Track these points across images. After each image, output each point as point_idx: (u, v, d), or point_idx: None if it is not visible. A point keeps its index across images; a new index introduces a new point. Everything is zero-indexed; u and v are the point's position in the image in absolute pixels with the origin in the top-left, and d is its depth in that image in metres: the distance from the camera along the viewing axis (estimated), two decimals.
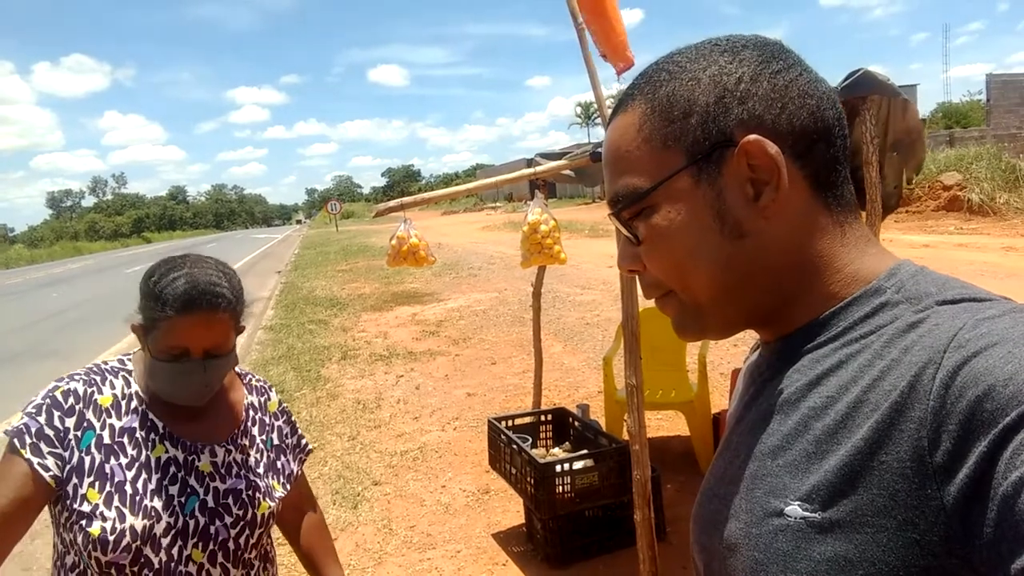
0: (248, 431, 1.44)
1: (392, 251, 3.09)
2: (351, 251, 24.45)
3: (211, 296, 1.23)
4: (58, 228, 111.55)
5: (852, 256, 0.62)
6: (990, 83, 21.65)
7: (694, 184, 0.62)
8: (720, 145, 0.60)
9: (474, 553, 3.50)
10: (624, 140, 0.65)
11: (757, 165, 0.59)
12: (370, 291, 13.42)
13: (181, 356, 1.24)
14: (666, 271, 0.66)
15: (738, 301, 0.64)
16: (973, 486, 0.45)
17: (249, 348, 8.96)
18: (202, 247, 20.52)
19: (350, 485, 4.43)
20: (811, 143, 0.61)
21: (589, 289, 10.92)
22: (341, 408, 6.06)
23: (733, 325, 0.67)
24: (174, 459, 1.30)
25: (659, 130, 0.63)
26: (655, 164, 0.63)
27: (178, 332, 1.23)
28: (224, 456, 1.36)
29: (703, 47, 0.64)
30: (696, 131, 0.61)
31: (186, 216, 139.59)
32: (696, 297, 0.65)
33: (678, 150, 0.62)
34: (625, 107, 0.66)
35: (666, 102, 0.62)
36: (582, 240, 18.40)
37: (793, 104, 0.60)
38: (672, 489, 3.85)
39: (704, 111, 0.61)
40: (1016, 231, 12.62)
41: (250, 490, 1.37)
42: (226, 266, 1.35)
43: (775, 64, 0.62)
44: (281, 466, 1.48)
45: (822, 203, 0.62)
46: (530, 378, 5.04)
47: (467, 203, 53.97)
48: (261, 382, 1.54)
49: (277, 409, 1.53)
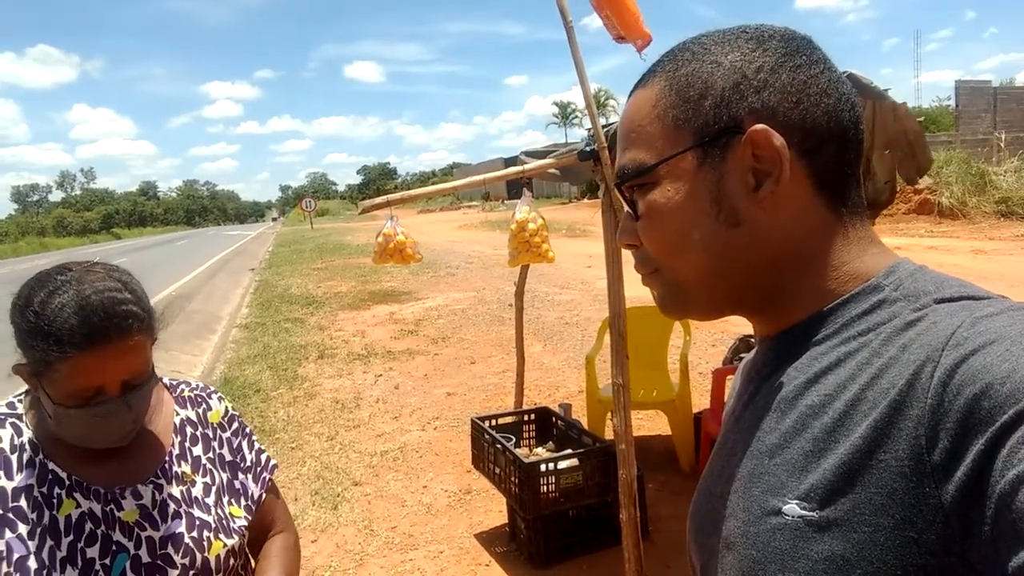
0: (187, 453, 1.19)
1: (378, 248, 3.06)
2: (327, 249, 24.22)
3: (118, 319, 1.00)
4: (24, 223, 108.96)
5: (852, 255, 0.62)
6: (959, 89, 22.07)
7: (698, 166, 0.62)
8: (729, 131, 0.61)
9: (457, 553, 3.48)
10: (638, 114, 0.66)
11: (762, 155, 0.60)
12: (347, 289, 13.31)
13: (94, 398, 1.01)
14: (656, 247, 0.66)
15: (722, 287, 0.65)
16: (971, 484, 0.46)
17: (224, 347, 8.84)
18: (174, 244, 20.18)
19: (330, 486, 4.38)
20: (821, 142, 0.61)
21: (568, 289, 10.94)
22: (319, 408, 6.00)
23: (716, 309, 0.67)
24: (89, 514, 1.06)
25: (673, 108, 0.63)
26: (664, 141, 0.63)
27: (85, 372, 0.99)
28: (154, 496, 1.12)
29: (731, 32, 0.64)
30: (708, 114, 0.61)
31: (157, 212, 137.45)
32: (680, 276, 0.66)
33: (688, 130, 0.62)
34: (646, 82, 0.67)
35: (684, 82, 0.63)
36: (560, 240, 18.43)
37: (809, 100, 0.60)
38: (654, 488, 3.86)
39: (719, 95, 0.61)
40: (985, 234, 12.91)
41: (194, 531, 1.13)
42: (119, 270, 1.11)
43: (798, 58, 0.62)
44: (240, 487, 1.24)
45: (825, 203, 0.62)
46: (510, 377, 5.03)
47: (444, 202, 53.82)
48: (196, 390, 1.29)
49: (223, 419, 1.28)
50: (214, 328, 10.38)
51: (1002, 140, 18.60)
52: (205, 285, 15.85)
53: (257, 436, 4.55)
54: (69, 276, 1.03)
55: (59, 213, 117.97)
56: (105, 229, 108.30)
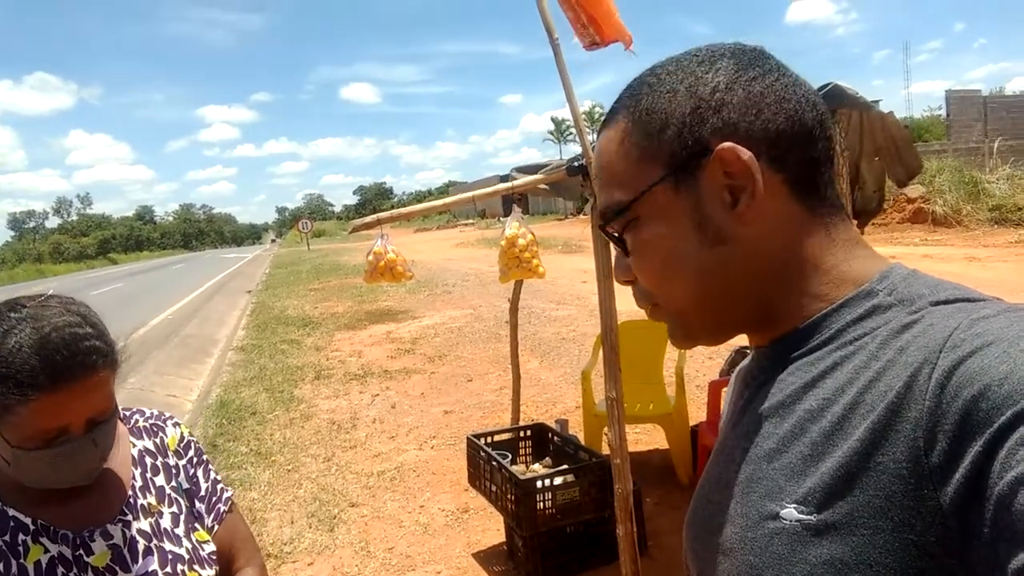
0: (150, 484, 1.14)
1: (369, 267, 3.06)
2: (323, 270, 24.24)
3: (82, 355, 0.94)
4: (20, 250, 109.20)
5: (840, 257, 0.63)
6: (949, 99, 22.27)
7: (673, 195, 0.62)
8: (696, 155, 0.61)
9: (454, 573, 3.44)
10: (608, 155, 0.67)
11: (733, 172, 0.60)
12: (343, 310, 13.30)
13: (57, 438, 0.96)
14: (650, 280, 0.67)
15: (723, 308, 0.65)
16: (969, 486, 0.45)
17: (220, 369, 8.81)
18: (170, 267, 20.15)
19: (326, 507, 4.34)
20: (789, 147, 0.61)
21: (564, 304, 10.94)
22: (315, 429, 5.96)
23: (722, 331, 0.68)
24: (59, 558, 1.01)
25: (638, 144, 0.64)
26: (636, 177, 0.64)
27: (48, 413, 0.93)
28: (124, 533, 1.07)
29: (682, 59, 0.65)
30: (673, 143, 0.62)
31: (153, 236, 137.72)
32: (680, 305, 0.66)
33: (657, 162, 0.63)
34: (610, 123, 0.68)
35: (645, 116, 0.64)
36: (556, 256, 18.45)
37: (769, 110, 0.61)
38: (651, 503, 3.84)
39: (680, 122, 0.62)
40: (978, 241, 12.95)
41: (168, 566, 1.08)
42: (76, 302, 1.04)
43: (751, 71, 0.62)
44: (198, 514, 1.21)
45: (804, 206, 0.62)
46: (507, 394, 5.01)
47: (440, 220, 53.96)
48: (151, 419, 1.24)
49: (179, 445, 1.24)
50: (210, 351, 10.34)
51: (994, 148, 18.72)
52: (201, 308, 15.81)
53: (253, 459, 4.51)
54: (24, 313, 0.96)
55: (56, 239, 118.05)
56: (102, 254, 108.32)
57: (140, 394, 7.26)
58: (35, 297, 1.02)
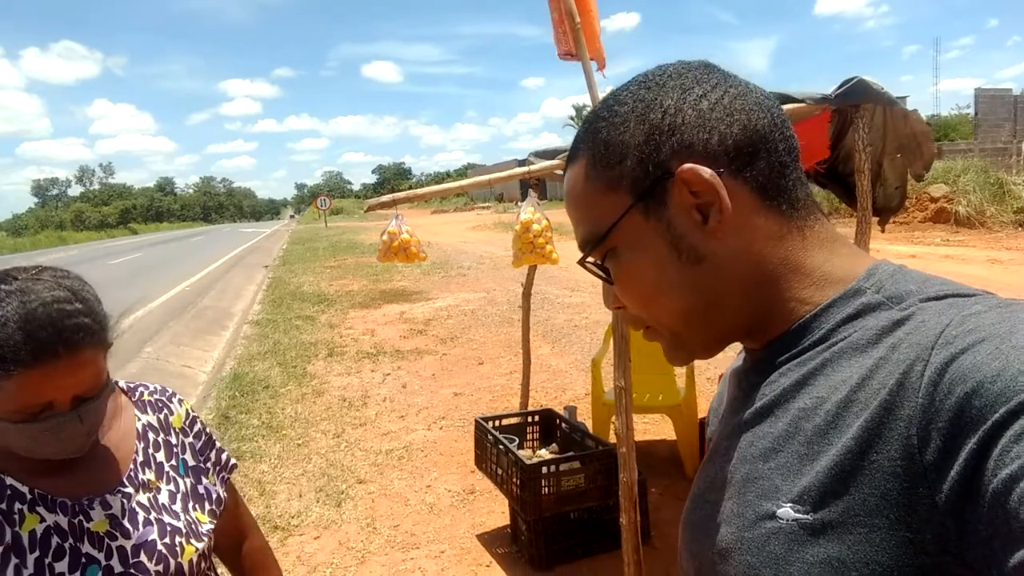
0: (151, 460, 1.15)
1: (383, 246, 3.07)
2: (340, 247, 24.35)
3: (68, 332, 0.93)
4: (43, 217, 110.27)
5: (821, 258, 0.63)
6: (978, 97, 21.90)
7: (644, 221, 0.64)
8: (659, 179, 0.63)
9: (458, 553, 3.48)
10: (574, 191, 0.68)
11: (698, 191, 0.61)
12: (358, 288, 13.36)
13: (42, 413, 0.95)
14: (637, 305, 0.68)
15: (711, 323, 0.66)
16: (964, 484, 0.45)
17: (235, 342, 8.90)
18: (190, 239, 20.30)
19: (334, 483, 4.40)
20: (749, 156, 0.62)
21: (578, 291, 10.93)
22: (326, 405, 6.02)
23: (716, 344, 0.68)
24: (55, 528, 1.01)
25: (602, 176, 0.65)
26: (606, 209, 0.65)
27: (32, 389, 0.92)
28: (123, 504, 1.07)
29: (630, 87, 0.66)
30: (635, 171, 0.63)
31: (173, 208, 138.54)
32: (670, 326, 0.67)
33: (622, 192, 0.64)
34: (574, 160, 0.69)
35: (603, 149, 0.65)
36: (572, 242, 18.27)
37: (722, 124, 0.62)
38: (657, 493, 3.85)
39: (638, 151, 0.63)
40: (1002, 244, 12.75)
41: (167, 537, 1.09)
42: (69, 276, 1.01)
43: (697, 89, 0.63)
44: (204, 491, 1.21)
45: (774, 211, 0.63)
46: (517, 379, 5.03)
47: (457, 202, 53.95)
48: (157, 394, 1.24)
49: (184, 423, 1.24)
50: (226, 324, 10.45)
51: (1022, 148, 18.38)
52: (219, 281, 15.96)
53: (265, 432, 4.56)
54: (13, 286, 0.94)
55: (78, 207, 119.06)
56: (122, 224, 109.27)
57: (156, 363, 7.36)
58: (29, 269, 0.99)
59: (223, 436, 5.24)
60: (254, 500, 4.18)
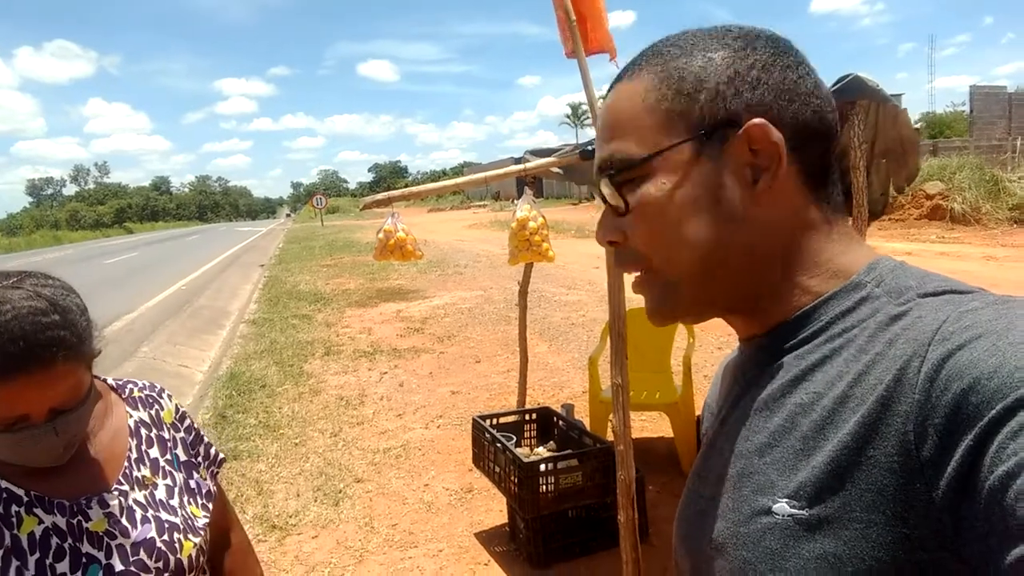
0: (145, 456, 1.15)
1: (379, 245, 3.07)
2: (336, 246, 24.30)
3: (40, 348, 0.90)
4: (38, 216, 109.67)
5: (835, 252, 0.63)
6: (973, 95, 21.95)
7: (694, 159, 0.61)
8: (725, 125, 0.60)
9: (456, 552, 3.48)
10: (626, 106, 0.64)
11: (759, 150, 0.60)
12: (355, 287, 13.34)
13: (16, 424, 0.93)
14: (652, 242, 0.64)
15: (716, 283, 0.64)
16: (961, 480, 0.45)
17: (231, 342, 8.88)
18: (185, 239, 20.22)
19: (332, 482, 4.39)
20: (808, 139, 0.61)
21: (575, 289, 10.93)
22: (324, 404, 6.02)
23: (707, 307, 0.66)
24: (54, 528, 1.01)
25: (665, 101, 0.62)
26: (657, 133, 0.62)
27: (2, 401, 0.91)
28: (120, 502, 1.07)
29: (717, 30, 0.65)
30: (704, 107, 0.61)
31: (169, 207, 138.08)
32: (676, 272, 0.64)
33: (682, 123, 0.61)
34: (630, 75, 0.66)
35: (676, 75, 0.62)
36: (569, 240, 18.41)
37: (800, 100, 0.61)
38: (655, 491, 3.86)
39: (715, 89, 0.61)
40: (997, 241, 12.79)
41: (165, 534, 1.09)
42: (52, 284, 0.99)
43: (787, 58, 0.62)
44: (196, 485, 1.22)
45: (812, 199, 0.63)
46: (514, 377, 5.03)
47: (454, 200, 53.89)
48: (147, 390, 1.23)
49: (175, 418, 1.24)
50: (222, 323, 10.43)
51: (1016, 146, 18.43)
52: (215, 280, 15.92)
53: (262, 431, 4.55)
54: None
55: (73, 207, 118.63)
56: (118, 223, 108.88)
57: (152, 363, 7.34)
58: (11, 275, 0.97)
59: (220, 435, 5.23)
60: (252, 499, 4.17)
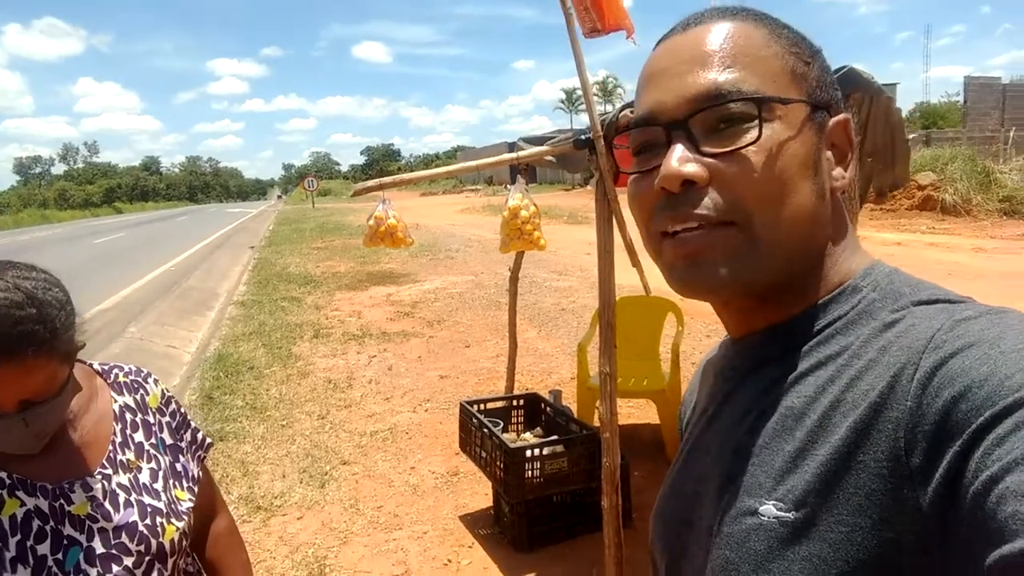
0: (129, 441, 1.15)
1: (369, 231, 3.05)
2: (327, 229, 24.20)
3: (10, 342, 0.90)
4: (26, 195, 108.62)
5: (847, 254, 0.63)
6: (968, 85, 21.97)
7: (807, 123, 0.60)
8: (827, 106, 0.62)
9: (441, 534, 3.50)
10: (749, 44, 0.60)
11: (837, 143, 0.62)
12: (345, 270, 13.31)
13: None
14: (752, 190, 0.57)
15: (792, 256, 0.60)
16: (947, 486, 0.46)
17: (220, 323, 8.85)
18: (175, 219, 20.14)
19: (318, 464, 4.40)
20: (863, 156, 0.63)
21: (566, 275, 10.93)
22: (311, 387, 6.01)
23: (770, 278, 0.60)
24: (36, 511, 1.01)
25: (791, 56, 0.61)
26: (783, 80, 0.60)
27: None
28: (104, 486, 1.08)
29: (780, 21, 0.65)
30: (815, 79, 0.62)
31: (159, 187, 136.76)
32: (767, 231, 0.58)
33: (802, 86, 0.61)
34: (735, 17, 0.62)
35: (793, 39, 0.63)
36: (561, 226, 18.39)
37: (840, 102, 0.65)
38: (640, 476, 3.88)
39: (820, 71, 0.62)
40: (987, 232, 12.86)
41: (147, 518, 1.10)
42: (32, 276, 0.98)
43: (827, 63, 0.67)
44: (182, 469, 1.23)
45: (849, 203, 0.65)
46: (503, 362, 5.03)
47: (447, 185, 53.65)
48: (132, 375, 1.23)
49: (160, 403, 1.24)
50: (211, 304, 10.39)
51: (1009, 137, 18.50)
52: (204, 262, 15.84)
53: (248, 412, 4.54)
54: None
55: (61, 186, 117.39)
56: (107, 203, 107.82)
57: (140, 344, 7.31)
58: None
59: (207, 416, 5.23)
60: (237, 480, 4.18)
